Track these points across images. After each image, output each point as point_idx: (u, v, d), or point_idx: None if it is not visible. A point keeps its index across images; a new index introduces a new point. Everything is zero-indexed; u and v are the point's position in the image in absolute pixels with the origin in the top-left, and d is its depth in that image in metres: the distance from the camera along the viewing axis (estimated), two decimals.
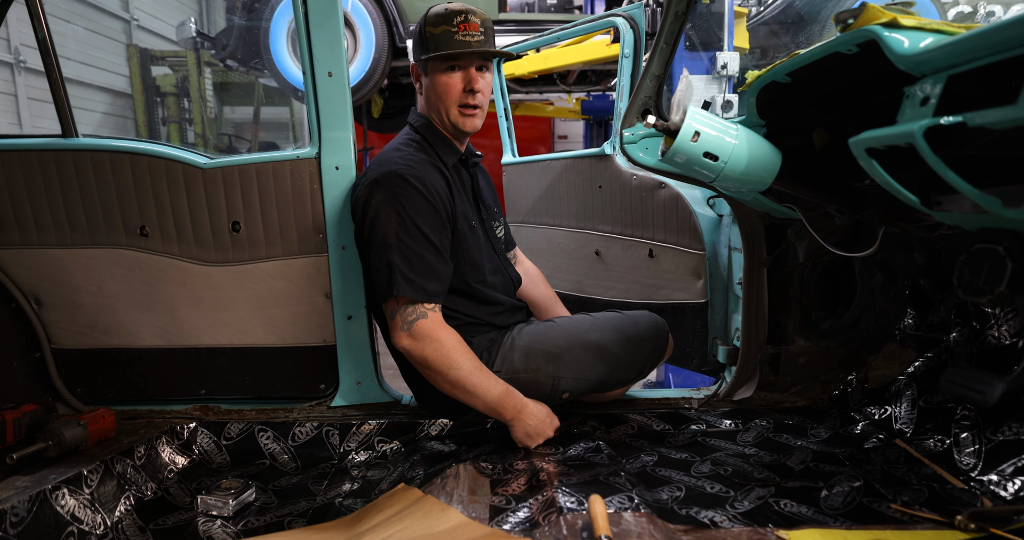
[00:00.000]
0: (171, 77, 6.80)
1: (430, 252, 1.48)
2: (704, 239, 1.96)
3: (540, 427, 1.54)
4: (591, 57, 4.45)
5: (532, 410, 1.55)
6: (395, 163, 1.51)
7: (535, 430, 1.53)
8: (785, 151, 1.29)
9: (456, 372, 1.46)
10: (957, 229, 1.14)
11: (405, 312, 1.47)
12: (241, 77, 6.73)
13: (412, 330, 1.46)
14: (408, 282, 1.45)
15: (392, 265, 1.46)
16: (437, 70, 1.55)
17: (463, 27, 1.51)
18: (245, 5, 5.03)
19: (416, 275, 1.46)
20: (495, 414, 1.53)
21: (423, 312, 1.47)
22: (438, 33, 1.51)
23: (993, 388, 1.24)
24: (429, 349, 1.46)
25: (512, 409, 1.52)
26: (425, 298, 1.46)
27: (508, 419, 1.53)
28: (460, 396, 1.50)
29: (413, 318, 1.46)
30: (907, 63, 0.91)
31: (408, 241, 1.46)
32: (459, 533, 1.11)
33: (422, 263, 1.47)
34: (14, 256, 1.73)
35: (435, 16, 1.52)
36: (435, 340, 1.46)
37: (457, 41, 1.50)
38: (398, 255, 1.46)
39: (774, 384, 1.81)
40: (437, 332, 1.47)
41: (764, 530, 1.10)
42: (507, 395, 1.52)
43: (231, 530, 1.30)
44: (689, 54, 2.99)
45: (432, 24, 1.52)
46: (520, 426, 1.53)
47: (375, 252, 1.50)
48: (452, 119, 1.58)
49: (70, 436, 1.49)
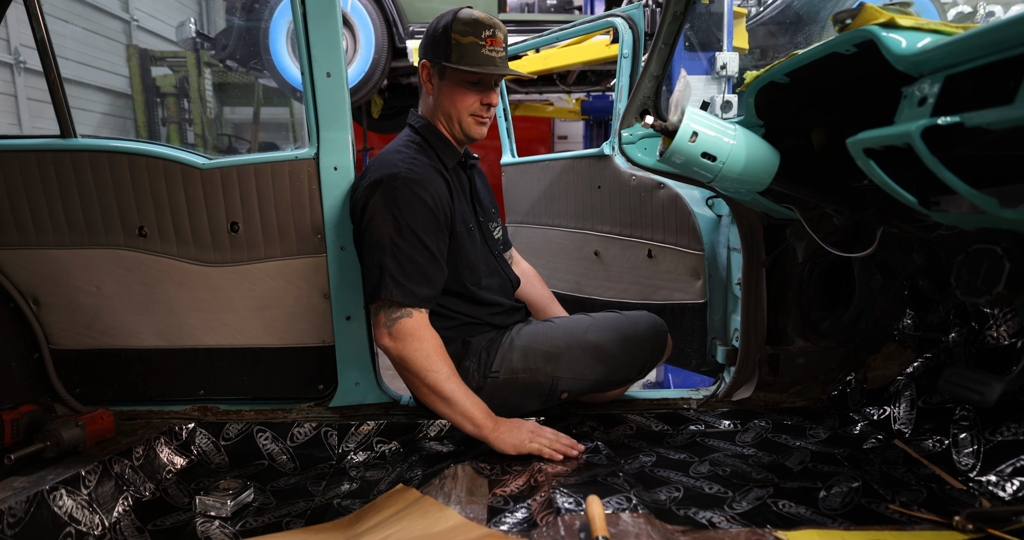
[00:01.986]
0: (171, 77, 6.80)
1: (424, 256, 1.48)
2: (703, 239, 1.96)
3: (521, 435, 1.47)
4: (590, 57, 4.45)
5: (512, 422, 1.50)
6: (396, 165, 1.51)
7: (525, 434, 1.47)
8: (784, 151, 1.28)
9: (434, 375, 1.44)
10: (955, 229, 1.14)
11: (389, 310, 1.46)
12: (241, 77, 6.73)
13: (394, 329, 1.45)
14: (397, 286, 1.44)
15: (383, 268, 1.45)
16: (457, 80, 1.54)
17: (490, 42, 1.51)
18: (245, 6, 5.03)
19: (406, 279, 1.45)
20: (471, 425, 1.47)
21: (408, 311, 1.46)
22: (465, 43, 1.49)
23: (992, 388, 1.23)
24: (409, 348, 1.44)
25: (489, 420, 1.47)
26: (414, 303, 1.46)
27: (485, 433, 1.47)
28: (436, 404, 1.47)
29: (397, 316, 1.46)
30: (905, 63, 0.91)
31: (402, 244, 1.46)
32: (457, 533, 1.11)
33: (414, 267, 1.46)
34: (13, 257, 1.73)
35: (463, 24, 1.50)
36: (417, 339, 1.45)
37: (484, 56, 1.50)
38: (390, 258, 1.45)
39: (773, 384, 1.81)
40: (420, 331, 1.46)
41: (762, 531, 1.10)
42: (483, 407, 1.49)
43: (229, 531, 1.30)
44: (688, 54, 2.99)
45: (460, 31, 1.49)
46: (504, 434, 1.47)
47: (368, 253, 1.50)
48: (464, 127, 1.59)
49: (68, 437, 1.49)
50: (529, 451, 1.45)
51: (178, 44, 6.60)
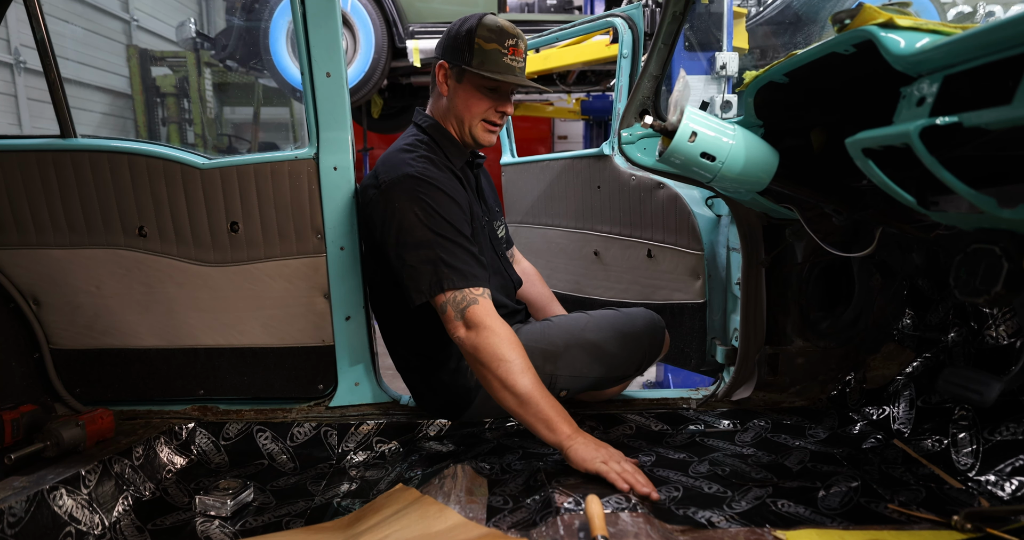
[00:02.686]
0: (171, 77, 6.80)
1: (466, 242, 1.47)
2: (702, 239, 1.96)
3: (597, 452, 1.30)
4: (590, 57, 4.45)
5: (593, 438, 1.34)
6: (409, 164, 1.50)
7: (602, 453, 1.30)
8: (783, 151, 1.29)
9: (507, 366, 1.35)
10: (954, 229, 1.14)
11: (455, 301, 1.42)
12: (241, 77, 6.73)
13: (465, 317, 1.40)
14: (456, 272, 1.43)
15: (436, 261, 1.43)
16: (475, 85, 1.53)
17: (512, 51, 1.50)
18: (245, 6, 5.03)
19: (462, 264, 1.44)
20: (545, 428, 1.33)
21: (473, 298, 1.42)
22: (488, 49, 1.48)
23: (991, 388, 1.23)
24: (481, 338, 1.38)
25: (567, 426, 1.34)
26: (474, 282, 1.43)
27: (561, 439, 1.32)
28: (508, 401, 1.36)
29: (464, 305, 1.41)
30: (903, 63, 0.91)
31: (444, 233, 1.45)
32: (457, 533, 1.11)
33: (463, 253, 1.45)
34: (13, 257, 1.73)
35: (488, 30, 1.49)
36: (487, 328, 1.38)
37: (505, 64, 1.50)
38: (439, 249, 1.44)
39: (772, 384, 1.81)
40: (489, 319, 1.40)
41: (761, 530, 1.10)
42: (561, 410, 1.36)
43: (229, 530, 1.30)
44: (688, 54, 2.99)
45: (484, 38, 1.48)
46: (580, 446, 1.31)
47: (408, 253, 1.45)
48: (475, 133, 1.58)
49: (68, 436, 1.49)
50: (597, 471, 1.26)
51: (178, 44, 6.60)
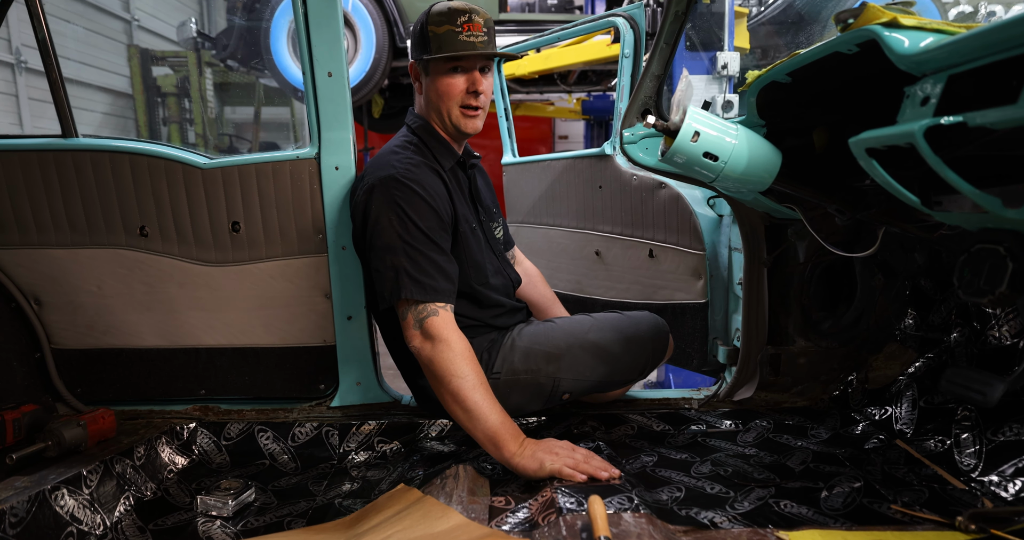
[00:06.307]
0: (172, 77, 6.81)
1: (435, 252, 1.47)
2: (704, 239, 1.96)
3: (550, 452, 1.32)
4: (591, 57, 4.45)
5: (542, 444, 1.35)
6: (392, 167, 1.50)
7: (548, 457, 1.31)
8: (785, 151, 1.28)
9: (458, 382, 1.36)
10: (958, 229, 1.14)
11: (415, 310, 1.43)
12: (242, 77, 6.73)
13: (424, 327, 1.42)
14: (415, 283, 1.43)
15: (398, 268, 1.44)
16: (439, 71, 1.53)
17: (467, 27, 1.49)
18: (245, 5, 5.04)
19: (422, 275, 1.44)
20: (492, 445, 1.35)
21: (433, 310, 1.43)
22: (441, 33, 1.48)
23: (994, 388, 1.23)
24: (436, 350, 1.39)
25: (513, 442, 1.35)
26: (435, 297, 1.43)
27: (506, 457, 1.34)
28: (458, 415, 1.38)
29: (424, 315, 1.42)
30: (907, 63, 0.91)
31: (412, 242, 1.45)
32: (458, 533, 1.11)
33: (428, 262, 1.45)
34: (14, 256, 1.73)
35: (438, 15, 1.50)
36: (443, 341, 1.39)
37: (461, 42, 1.49)
38: (404, 257, 1.44)
39: (774, 384, 1.81)
40: (447, 333, 1.40)
41: (764, 531, 1.10)
42: (510, 426, 1.37)
43: (231, 530, 1.30)
44: (690, 54, 2.99)
45: (435, 23, 1.49)
46: (527, 460, 1.32)
47: (378, 256, 1.48)
48: (454, 120, 1.56)
49: (70, 436, 1.49)
50: (551, 475, 1.29)
51: (179, 44, 6.60)
